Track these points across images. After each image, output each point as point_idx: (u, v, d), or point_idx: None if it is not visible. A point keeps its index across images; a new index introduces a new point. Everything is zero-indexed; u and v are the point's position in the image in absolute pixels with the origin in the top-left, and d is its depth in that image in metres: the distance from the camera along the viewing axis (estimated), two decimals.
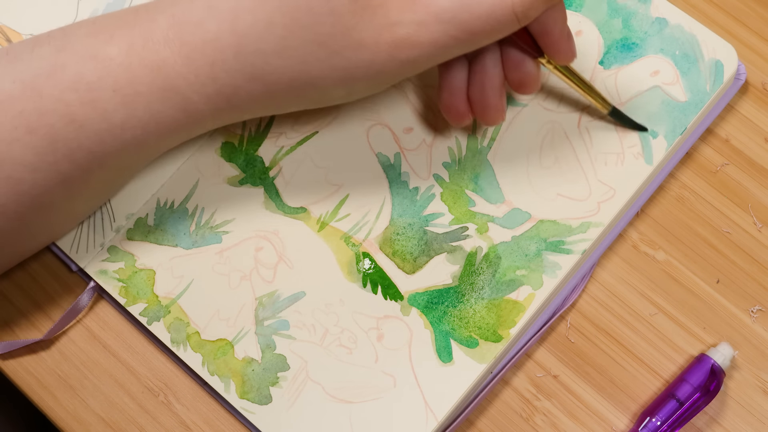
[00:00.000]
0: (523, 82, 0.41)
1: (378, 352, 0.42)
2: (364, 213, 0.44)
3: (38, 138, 0.37)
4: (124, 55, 0.37)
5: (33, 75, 0.37)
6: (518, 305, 0.42)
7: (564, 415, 0.43)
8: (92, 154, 0.38)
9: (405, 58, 0.36)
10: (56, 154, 0.37)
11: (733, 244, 0.45)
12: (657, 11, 0.47)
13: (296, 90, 0.38)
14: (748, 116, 0.47)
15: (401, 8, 0.36)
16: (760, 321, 0.44)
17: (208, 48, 0.37)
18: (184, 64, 0.37)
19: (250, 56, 0.37)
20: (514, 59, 0.40)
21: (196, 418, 0.43)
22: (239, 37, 0.36)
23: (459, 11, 0.36)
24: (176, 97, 0.37)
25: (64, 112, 0.37)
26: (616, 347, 0.44)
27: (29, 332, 0.45)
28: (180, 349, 0.43)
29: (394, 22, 0.36)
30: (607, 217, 0.44)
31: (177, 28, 0.37)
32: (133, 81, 0.37)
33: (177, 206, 0.45)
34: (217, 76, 0.37)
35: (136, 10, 0.38)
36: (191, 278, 0.44)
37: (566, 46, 0.40)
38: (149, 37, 0.37)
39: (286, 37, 0.36)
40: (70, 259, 0.45)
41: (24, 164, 0.37)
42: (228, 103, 0.38)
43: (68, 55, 0.37)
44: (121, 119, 0.37)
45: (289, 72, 0.37)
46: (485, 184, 0.45)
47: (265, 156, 0.46)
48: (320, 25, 0.36)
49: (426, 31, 0.36)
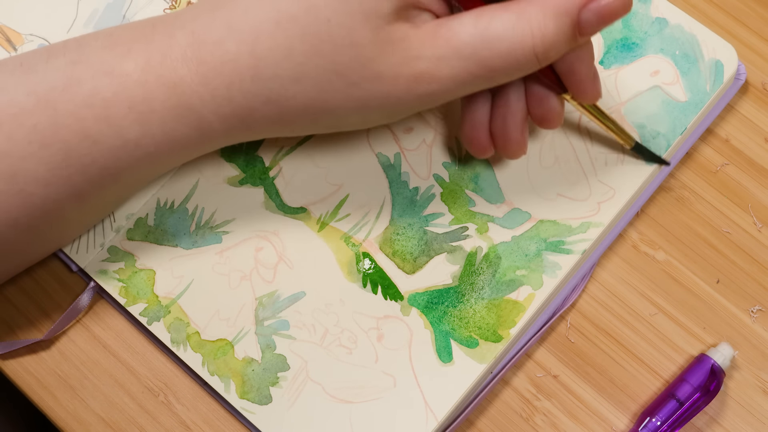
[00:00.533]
0: (546, 118, 0.40)
1: (378, 352, 0.42)
2: (364, 213, 0.44)
3: (52, 153, 0.37)
4: (140, 71, 0.37)
5: (47, 88, 0.37)
6: (518, 305, 0.42)
7: (564, 415, 0.43)
8: (105, 170, 0.38)
9: (423, 92, 0.36)
10: (69, 169, 0.37)
11: (733, 244, 0.45)
12: (657, 11, 0.47)
13: (311, 116, 0.37)
14: (748, 116, 0.47)
15: (422, 43, 0.35)
16: (760, 321, 0.44)
17: (226, 69, 0.36)
18: (201, 83, 0.36)
19: (268, 81, 0.36)
20: (538, 95, 0.40)
21: (196, 418, 0.43)
22: (258, 60, 0.36)
23: (480, 48, 0.35)
24: (191, 116, 0.37)
25: (79, 127, 0.37)
26: (616, 347, 0.44)
27: (29, 332, 0.45)
28: (180, 349, 0.43)
29: (415, 56, 0.35)
30: (607, 217, 0.44)
31: (196, 46, 0.36)
32: (149, 98, 0.37)
33: (177, 206, 0.45)
34: (233, 98, 0.37)
35: (153, 24, 0.38)
36: (191, 278, 0.44)
37: (592, 87, 0.39)
38: (167, 53, 0.37)
39: (304, 64, 0.36)
40: (70, 259, 0.45)
41: (37, 179, 0.37)
42: (242, 123, 0.38)
43: (84, 69, 0.37)
44: (135, 136, 0.37)
45: (304, 99, 0.36)
46: (485, 184, 0.45)
47: (265, 156, 0.46)
48: (340, 55, 0.35)
49: (446, 66, 0.35)
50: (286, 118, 0.37)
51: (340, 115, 0.37)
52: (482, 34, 0.35)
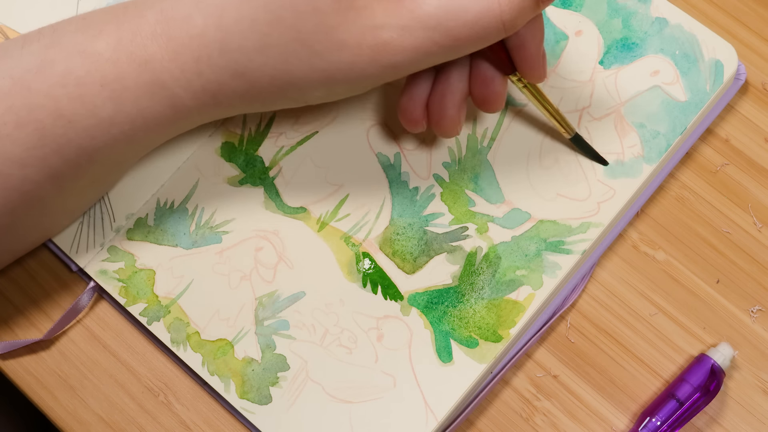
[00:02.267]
0: (488, 99, 0.40)
1: (378, 352, 0.42)
2: (364, 213, 0.44)
3: (27, 133, 0.37)
4: (112, 50, 0.37)
5: (22, 71, 0.37)
6: (518, 305, 0.42)
7: (564, 415, 0.43)
8: (81, 149, 0.38)
9: (387, 63, 0.36)
10: (45, 149, 0.37)
11: (733, 244, 0.45)
12: (657, 11, 0.47)
13: (277, 88, 0.38)
14: (748, 116, 0.47)
15: (386, 12, 0.35)
16: (760, 321, 0.44)
17: (194, 43, 0.37)
18: (171, 59, 0.37)
19: (234, 53, 0.36)
20: (483, 75, 0.40)
21: (196, 418, 0.43)
22: (224, 33, 0.36)
23: (445, 18, 0.35)
24: (163, 92, 0.38)
25: (53, 107, 0.37)
26: (616, 347, 0.44)
27: (29, 332, 0.45)
28: (180, 349, 0.43)
29: (378, 25, 0.35)
30: (607, 217, 0.44)
31: (165, 23, 0.37)
32: (121, 76, 0.37)
33: (177, 206, 0.45)
34: (202, 72, 0.37)
35: (125, 6, 0.38)
36: (191, 278, 0.44)
37: (541, 64, 0.40)
38: (137, 32, 0.37)
39: (268, 35, 0.36)
40: (70, 259, 0.45)
41: (13, 159, 0.37)
42: (213, 99, 0.38)
43: (57, 51, 0.37)
44: (109, 114, 0.37)
45: (270, 70, 0.37)
46: (485, 184, 0.45)
47: (265, 156, 0.46)
48: (303, 23, 0.35)
49: (410, 36, 0.35)
50: (254, 92, 0.38)
51: (305, 87, 0.37)
52: (447, 5, 0.35)
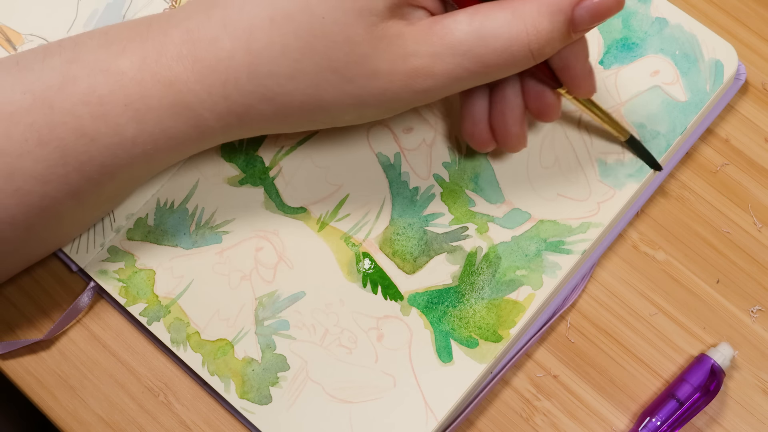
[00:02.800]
0: (544, 111, 0.41)
1: (378, 352, 0.42)
2: (364, 213, 0.44)
3: (49, 151, 0.37)
4: (136, 69, 0.37)
5: (44, 87, 0.37)
6: (518, 305, 0.42)
7: (564, 415, 0.43)
8: (103, 167, 0.38)
9: (419, 88, 0.36)
10: (66, 167, 0.37)
11: (733, 244, 0.45)
12: (657, 11, 0.47)
13: (308, 113, 0.37)
14: (748, 116, 0.47)
15: (417, 39, 0.36)
16: (760, 321, 0.44)
17: (222, 66, 0.36)
18: (197, 81, 0.37)
19: (264, 78, 0.36)
20: (534, 90, 0.40)
21: (196, 418, 0.43)
22: (253, 57, 0.36)
23: (475, 45, 0.35)
24: (188, 113, 0.37)
25: (75, 125, 0.37)
26: (616, 347, 0.44)
27: (29, 332, 0.45)
28: (180, 349, 0.43)
29: (410, 53, 0.36)
30: (607, 217, 0.44)
31: (191, 44, 0.37)
32: (145, 96, 0.37)
33: (177, 206, 0.45)
34: (229, 95, 0.37)
35: (149, 22, 0.38)
36: (191, 278, 0.44)
37: (587, 83, 0.40)
38: (162, 51, 0.37)
39: (299, 61, 0.36)
40: (70, 259, 0.45)
41: (34, 176, 0.37)
42: (239, 121, 0.38)
43: (80, 68, 0.37)
44: (132, 134, 0.37)
45: (300, 96, 0.37)
46: (485, 184, 0.45)
47: (265, 156, 0.46)
48: (335, 51, 0.35)
49: (441, 62, 0.36)
50: (283, 115, 0.38)
51: (336, 112, 0.37)
52: (477, 32, 0.35)
